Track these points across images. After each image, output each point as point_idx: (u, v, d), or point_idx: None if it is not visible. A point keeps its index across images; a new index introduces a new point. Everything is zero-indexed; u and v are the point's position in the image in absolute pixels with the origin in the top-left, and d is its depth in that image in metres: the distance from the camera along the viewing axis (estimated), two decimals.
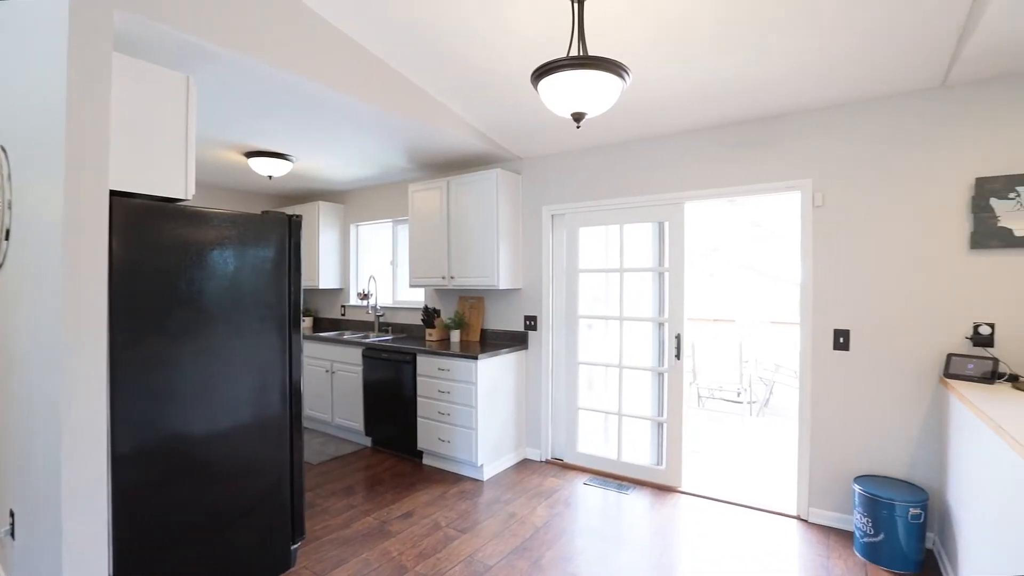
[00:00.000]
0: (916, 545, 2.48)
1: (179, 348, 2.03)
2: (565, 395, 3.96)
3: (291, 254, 2.42)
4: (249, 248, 2.26)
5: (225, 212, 2.18)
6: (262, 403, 2.32)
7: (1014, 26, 2.01)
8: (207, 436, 2.13)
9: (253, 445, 2.30)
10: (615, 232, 3.73)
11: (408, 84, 2.94)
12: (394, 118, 3.06)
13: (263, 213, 2.34)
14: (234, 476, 2.23)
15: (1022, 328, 2.46)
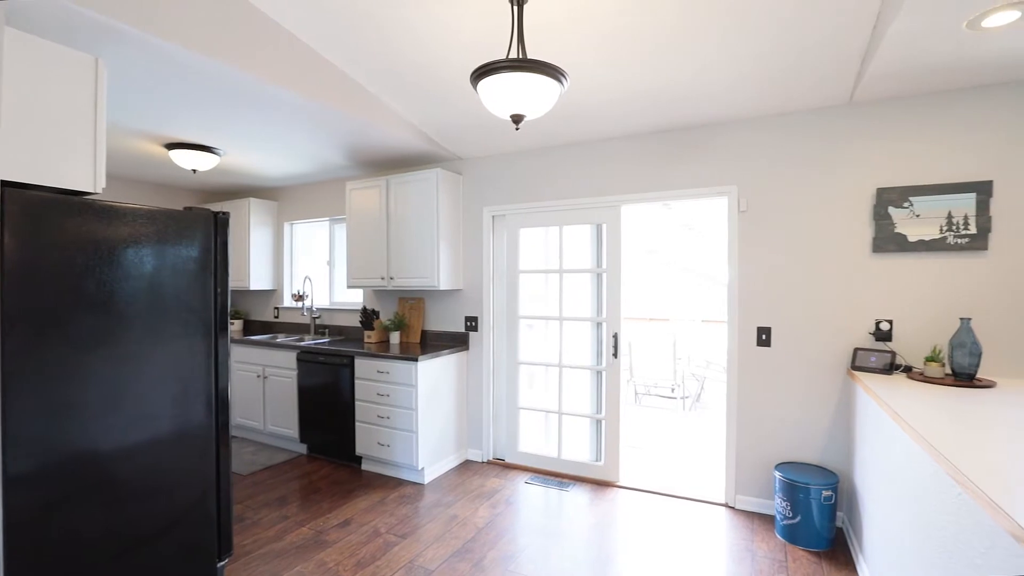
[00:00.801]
0: (828, 524, 2.69)
1: (86, 356, 1.86)
2: (506, 395, 3.98)
3: (217, 253, 2.28)
4: (170, 247, 2.11)
5: (141, 207, 2.02)
6: (184, 413, 2.18)
7: (906, 53, 2.23)
8: (119, 451, 1.97)
9: (174, 458, 2.14)
10: (555, 233, 3.79)
11: (346, 80, 2.85)
12: (331, 114, 2.96)
13: (186, 209, 2.19)
14: (151, 493, 2.07)
15: (915, 324, 2.73)
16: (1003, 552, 1.15)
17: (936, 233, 2.65)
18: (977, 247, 2.59)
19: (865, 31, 2.22)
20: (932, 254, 2.69)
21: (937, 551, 1.55)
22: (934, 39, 2.13)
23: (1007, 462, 1.35)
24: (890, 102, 2.78)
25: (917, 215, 2.69)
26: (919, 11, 1.91)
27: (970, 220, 2.60)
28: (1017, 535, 1.02)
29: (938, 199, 2.65)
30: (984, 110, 2.61)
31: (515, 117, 1.86)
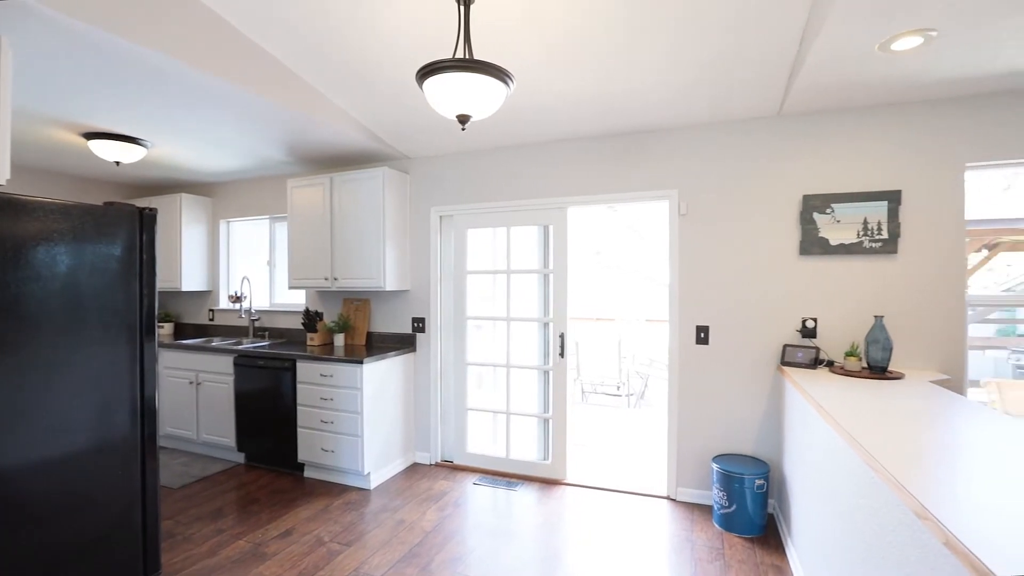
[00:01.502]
0: (760, 511, 2.85)
1: None
2: (454, 396, 3.96)
3: (143, 252, 2.14)
4: (88, 245, 1.96)
5: (53, 201, 1.87)
6: (104, 425, 2.02)
7: (827, 71, 2.40)
8: (27, 468, 1.80)
9: (93, 474, 1.99)
10: (502, 234, 3.81)
11: (287, 73, 2.75)
12: (271, 107, 2.85)
13: (106, 204, 2.04)
14: (68, 512, 1.91)
15: (836, 321, 2.94)
16: (908, 529, 1.25)
17: (854, 237, 2.87)
18: (889, 250, 2.82)
19: (792, 49, 2.36)
20: (851, 257, 2.91)
21: (853, 531, 1.68)
22: (851, 59, 2.30)
23: (912, 447, 1.48)
24: (814, 115, 2.99)
25: (838, 221, 2.90)
26: (838, 33, 2.06)
27: (883, 226, 2.82)
28: (919, 512, 1.12)
29: (856, 206, 2.87)
30: (894, 125, 2.84)
31: (461, 117, 1.86)
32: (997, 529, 0.99)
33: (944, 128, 2.77)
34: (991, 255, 4.05)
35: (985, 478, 1.25)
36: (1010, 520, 1.02)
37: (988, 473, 1.28)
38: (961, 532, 0.97)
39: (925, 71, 2.43)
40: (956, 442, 1.55)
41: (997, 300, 3.12)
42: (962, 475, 1.28)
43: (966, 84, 2.58)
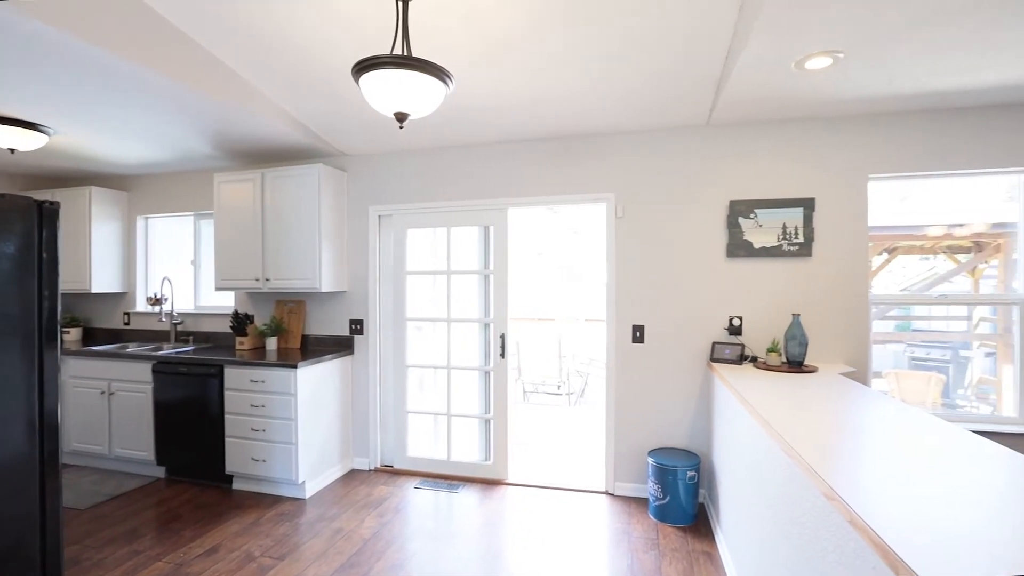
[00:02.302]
0: (692, 501, 2.99)
1: None
2: (394, 399, 3.88)
3: (42, 250, 1.95)
4: None
5: None
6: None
7: (750, 85, 2.56)
8: None
9: None
10: (443, 235, 3.78)
11: (215, 62, 2.58)
12: (195, 96, 2.67)
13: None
14: None
15: (759, 319, 3.14)
16: (819, 510, 1.36)
17: (775, 241, 3.08)
18: (804, 253, 3.05)
19: (718, 65, 2.50)
20: (772, 259, 3.11)
21: (773, 514, 1.79)
22: (770, 76, 2.46)
23: (824, 435, 1.60)
24: (739, 126, 3.17)
25: (760, 225, 3.10)
26: (758, 51, 2.20)
27: (799, 231, 3.05)
28: (827, 494, 1.21)
29: (776, 212, 3.08)
30: (809, 138, 3.07)
31: (399, 115, 1.82)
32: (894, 507, 1.09)
33: (851, 142, 3.03)
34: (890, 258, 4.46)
35: (884, 461, 1.37)
36: (905, 499, 1.13)
37: (886, 456, 1.41)
38: (863, 511, 1.07)
39: (834, 89, 2.64)
40: (861, 429, 1.69)
41: (895, 299, 3.45)
42: (865, 459, 1.40)
43: (870, 103, 2.83)
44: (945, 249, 4.02)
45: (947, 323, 4.67)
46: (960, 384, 4.63)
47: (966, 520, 1.02)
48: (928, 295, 3.65)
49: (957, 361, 4.76)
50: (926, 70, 2.43)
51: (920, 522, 1.01)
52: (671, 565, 2.58)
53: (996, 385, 3.30)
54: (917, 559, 0.88)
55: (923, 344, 4.97)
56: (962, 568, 0.85)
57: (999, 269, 3.31)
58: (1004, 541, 0.94)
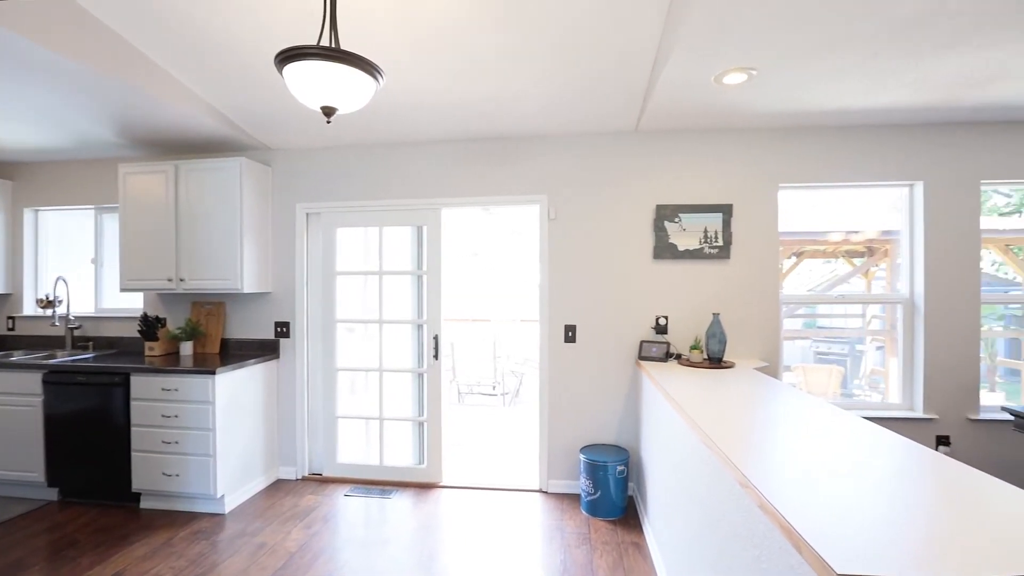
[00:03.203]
0: (622, 495, 3.10)
1: None
2: (323, 404, 3.73)
3: None
4: None
5: None
6: None
7: (674, 96, 2.69)
8: None
9: None
10: (374, 234, 3.68)
11: (122, 43, 2.37)
12: (96, 77, 2.43)
13: None
14: None
15: (683, 319, 3.30)
16: (736, 496, 1.45)
17: (697, 244, 3.25)
18: (723, 256, 3.24)
19: (646, 75, 2.61)
20: (694, 261, 3.29)
21: (694, 501, 1.89)
22: (692, 87, 2.60)
23: (739, 426, 1.71)
24: (665, 133, 3.33)
25: (684, 229, 3.26)
26: (681, 64, 2.32)
27: (719, 234, 3.24)
28: (742, 482, 1.29)
29: (698, 216, 3.26)
30: (727, 147, 3.28)
31: (326, 110, 1.75)
32: (796, 491, 1.18)
33: (764, 153, 3.26)
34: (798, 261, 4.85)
35: (790, 449, 1.48)
36: (806, 483, 1.23)
37: (792, 445, 1.52)
38: (772, 496, 1.15)
39: (750, 103, 2.83)
40: (771, 420, 1.82)
41: (802, 299, 3.75)
42: (774, 448, 1.51)
43: (781, 117, 3.06)
44: (844, 253, 4.43)
45: (845, 320, 5.15)
46: (856, 375, 5.11)
47: (856, 498, 1.12)
48: (829, 295, 4.00)
49: (853, 355, 5.25)
50: (829, 91, 2.66)
51: (819, 503, 1.11)
52: (602, 558, 2.65)
53: (885, 375, 3.67)
54: (815, 536, 0.96)
55: (826, 340, 5.44)
56: (851, 540, 0.94)
57: (887, 272, 3.68)
58: (883, 513, 1.04)
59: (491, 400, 6.16)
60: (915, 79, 2.52)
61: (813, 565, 0.93)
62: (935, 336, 3.22)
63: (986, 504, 1.10)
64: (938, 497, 1.15)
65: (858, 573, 0.85)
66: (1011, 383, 3.94)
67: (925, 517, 1.05)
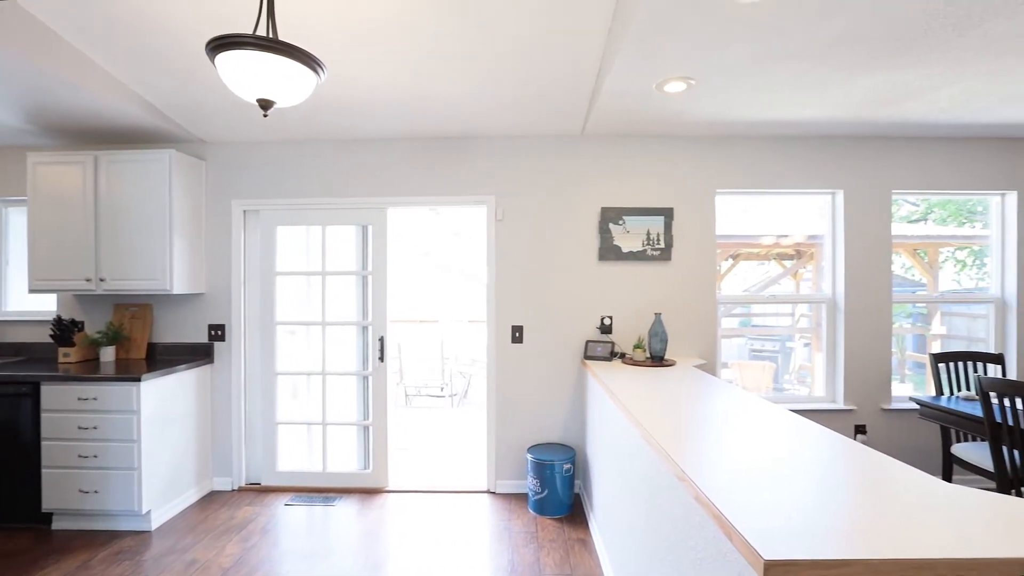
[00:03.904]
0: (568, 492, 3.14)
1: None
2: (262, 410, 3.56)
3: None
4: None
5: None
6: None
7: (618, 102, 2.76)
8: None
9: None
10: (317, 233, 3.56)
11: (34, 23, 2.16)
12: None
13: None
14: None
15: (627, 318, 3.40)
16: (673, 490, 1.50)
17: (640, 246, 3.35)
18: (665, 258, 3.36)
19: (591, 81, 2.66)
20: (638, 263, 3.39)
21: (636, 496, 1.95)
22: (635, 94, 2.68)
23: (677, 421, 1.78)
24: (610, 138, 3.41)
25: (628, 231, 3.36)
26: (625, 71, 2.38)
27: (661, 237, 3.36)
28: (679, 476, 1.34)
29: (641, 219, 3.36)
30: (669, 153, 3.40)
31: (263, 103, 1.68)
32: (731, 484, 1.23)
33: (702, 159, 3.41)
34: (735, 263, 5.11)
35: (724, 443, 1.55)
36: (740, 476, 1.29)
37: (726, 438, 1.60)
38: (706, 488, 1.20)
39: (690, 111, 2.95)
40: (708, 416, 1.90)
41: (738, 299, 3.95)
42: (710, 442, 1.57)
43: (718, 126, 3.21)
44: (775, 256, 4.70)
45: (777, 319, 5.47)
46: (786, 371, 5.44)
47: (784, 487, 1.19)
48: (762, 295, 4.24)
49: (784, 351, 5.58)
50: (761, 103, 2.81)
51: (750, 494, 1.16)
52: (548, 556, 2.68)
53: (811, 370, 3.92)
54: (745, 525, 1.01)
55: (760, 338, 5.74)
56: (778, 527, 1.00)
57: (813, 273, 3.94)
58: (808, 501, 1.11)
59: (439, 402, 6.10)
60: (837, 96, 2.71)
61: (743, 552, 0.97)
62: (854, 333, 3.48)
63: (897, 489, 1.20)
64: (856, 484, 1.24)
65: (782, 558, 0.90)
66: (918, 375, 4.31)
67: (845, 503, 1.13)
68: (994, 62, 2.32)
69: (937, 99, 2.78)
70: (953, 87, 2.61)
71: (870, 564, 0.90)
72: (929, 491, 1.17)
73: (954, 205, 4.22)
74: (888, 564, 0.90)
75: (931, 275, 4.25)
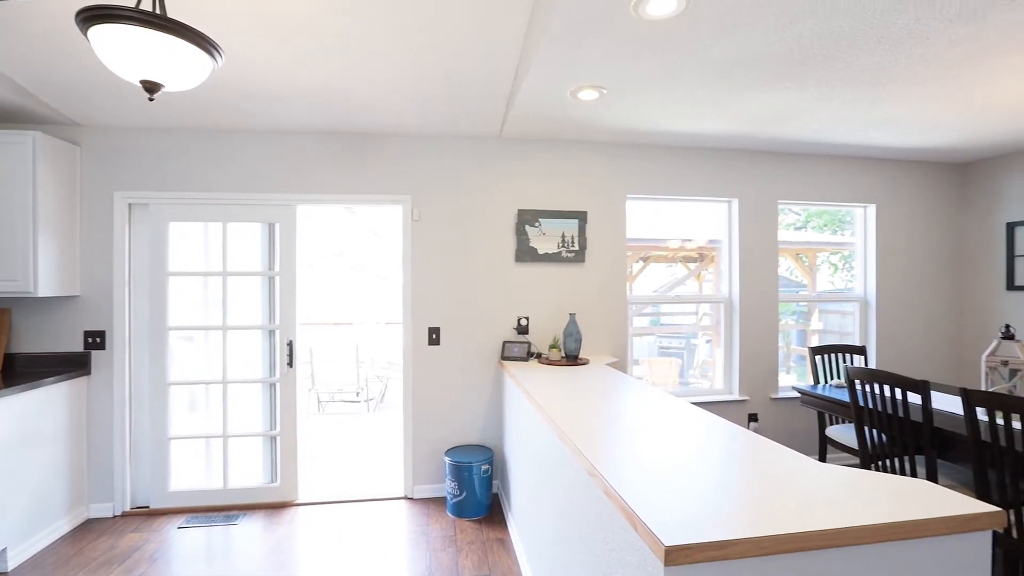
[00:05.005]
0: (486, 493, 3.15)
1: None
2: (151, 425, 3.23)
3: None
4: None
5: None
6: None
7: (534, 106, 2.82)
8: None
9: None
10: (217, 230, 3.29)
11: None
12: None
13: None
14: None
15: (543, 319, 3.47)
16: (586, 485, 1.55)
17: (555, 248, 3.44)
18: (579, 260, 3.48)
19: (508, 84, 2.69)
20: (553, 264, 3.48)
21: (552, 494, 1.99)
22: (551, 100, 2.75)
23: (589, 418, 1.84)
24: (527, 141, 3.47)
25: (544, 233, 3.43)
26: (540, 76, 2.43)
27: (575, 239, 3.46)
28: (591, 472, 1.39)
29: (557, 222, 3.45)
30: (583, 158, 3.52)
31: (148, 85, 1.52)
32: (637, 476, 1.30)
33: (615, 165, 3.56)
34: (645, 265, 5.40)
35: (633, 437, 1.63)
36: (645, 468, 1.35)
37: (636, 433, 1.68)
38: (615, 482, 1.25)
39: (603, 119, 3.07)
40: (617, 412, 1.99)
41: (647, 299, 4.17)
42: (620, 437, 1.64)
43: (629, 134, 3.37)
44: (681, 259, 5.02)
45: (683, 318, 5.85)
46: (691, 366, 5.83)
47: (686, 477, 1.27)
48: (669, 296, 4.51)
49: (689, 348, 5.98)
50: (665, 115, 2.99)
51: (655, 485, 1.23)
52: (467, 558, 2.67)
53: (712, 365, 4.23)
54: (649, 515, 1.07)
55: (667, 335, 6.11)
56: (680, 515, 1.06)
57: (714, 275, 4.25)
58: (707, 488, 1.19)
59: (355, 407, 5.87)
60: (731, 112, 2.95)
61: (647, 541, 1.02)
62: (747, 330, 3.80)
63: (780, 471, 1.32)
64: (747, 470, 1.35)
65: (681, 543, 0.96)
66: (800, 367, 4.81)
67: (738, 488, 1.22)
68: (856, 91, 2.64)
69: (813, 120, 3.11)
70: (825, 111, 2.94)
71: (754, 541, 0.98)
72: (806, 471, 1.31)
73: (828, 215, 4.76)
74: (769, 540, 0.99)
75: (811, 277, 4.76)
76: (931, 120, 3.10)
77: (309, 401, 5.70)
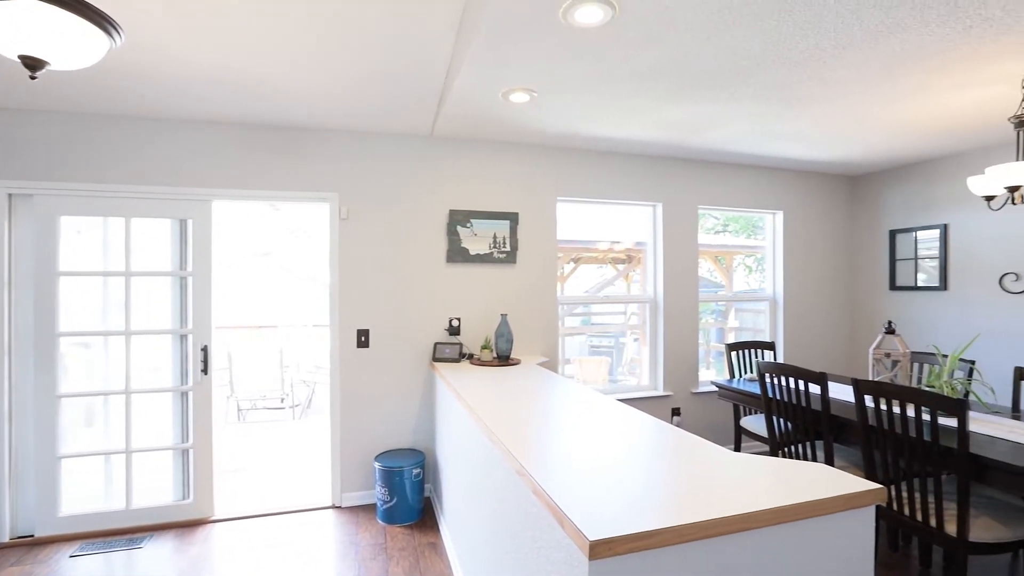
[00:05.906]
0: (418, 497, 3.09)
1: None
2: (37, 445, 2.89)
3: None
4: None
5: None
6: None
7: (466, 106, 2.80)
8: None
9: None
10: (119, 226, 3.00)
11: None
12: None
13: None
14: None
15: (475, 320, 3.46)
16: (515, 485, 1.56)
17: (487, 249, 3.45)
18: (510, 261, 3.50)
19: (439, 82, 2.65)
20: (485, 265, 3.48)
21: (483, 495, 1.99)
22: (482, 101, 2.75)
23: (519, 419, 1.85)
24: (459, 141, 3.45)
25: (476, 234, 3.43)
26: (472, 76, 2.42)
27: (507, 240, 3.49)
28: (519, 471, 1.40)
29: (488, 223, 3.45)
30: (515, 159, 3.55)
31: (29, 61, 1.35)
32: (564, 474, 1.32)
33: (546, 167, 3.62)
34: (576, 266, 5.53)
35: (561, 436, 1.66)
36: (572, 466, 1.38)
37: (564, 432, 1.71)
38: (542, 480, 1.26)
39: (534, 121, 3.11)
40: (548, 410, 2.02)
41: (578, 299, 4.27)
42: (548, 436, 1.67)
43: (559, 138, 3.44)
44: (610, 260, 5.19)
45: (612, 317, 6.05)
46: (619, 364, 6.04)
47: (612, 472, 1.31)
48: (599, 296, 4.65)
49: (618, 347, 6.20)
50: (593, 120, 3.08)
51: (581, 482, 1.26)
52: (398, 565, 2.61)
53: (640, 363, 4.41)
54: (575, 511, 1.09)
55: (598, 335, 6.30)
56: (605, 510, 1.09)
57: (641, 276, 4.43)
58: (631, 482, 1.24)
59: (279, 414, 5.57)
60: (653, 120, 3.09)
61: (573, 537, 1.04)
62: (671, 328, 3.99)
63: (700, 462, 1.39)
64: (670, 462, 1.41)
65: (605, 536, 0.99)
66: (719, 362, 5.13)
67: (661, 481, 1.27)
68: (764, 106, 2.86)
69: (728, 132, 3.32)
70: (738, 123, 3.15)
71: (675, 530, 1.03)
72: (723, 461, 1.39)
73: (744, 220, 5.10)
74: (690, 527, 1.04)
75: (728, 278, 5.09)
76: (826, 136, 3.41)
77: (228, 410, 5.34)
